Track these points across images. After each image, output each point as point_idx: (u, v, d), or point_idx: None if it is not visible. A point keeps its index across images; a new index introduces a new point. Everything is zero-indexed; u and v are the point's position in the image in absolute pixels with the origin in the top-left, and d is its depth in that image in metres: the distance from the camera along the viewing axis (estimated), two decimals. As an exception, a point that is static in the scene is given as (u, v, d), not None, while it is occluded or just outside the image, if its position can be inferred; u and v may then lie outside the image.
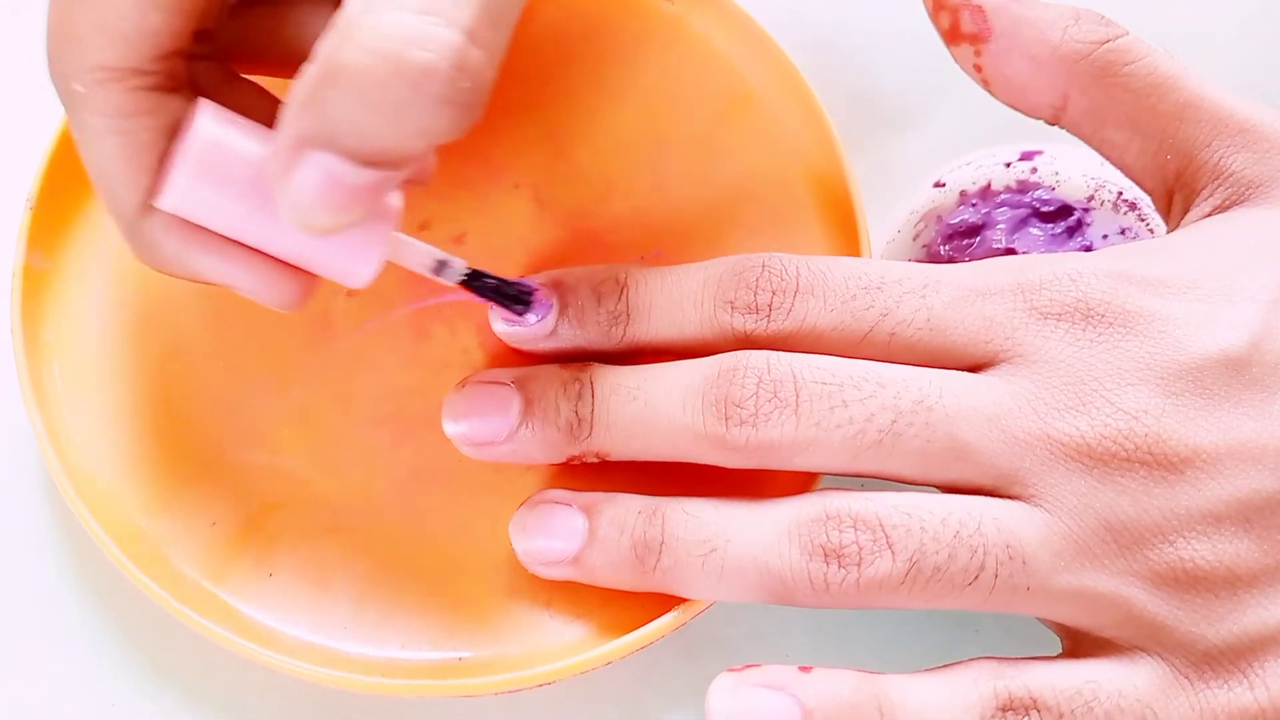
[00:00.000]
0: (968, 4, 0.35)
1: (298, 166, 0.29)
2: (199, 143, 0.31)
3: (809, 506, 0.33)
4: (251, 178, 0.31)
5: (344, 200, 0.29)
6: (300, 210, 0.29)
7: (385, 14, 0.28)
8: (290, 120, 0.29)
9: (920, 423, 0.32)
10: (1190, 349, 0.32)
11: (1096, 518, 0.32)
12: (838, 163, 0.39)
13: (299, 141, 0.29)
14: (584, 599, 0.36)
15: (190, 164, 0.31)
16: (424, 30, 0.28)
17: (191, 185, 0.31)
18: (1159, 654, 0.32)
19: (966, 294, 0.34)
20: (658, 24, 0.41)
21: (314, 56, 0.29)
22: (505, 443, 0.36)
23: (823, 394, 0.33)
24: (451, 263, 0.35)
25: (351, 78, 0.28)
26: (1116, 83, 0.35)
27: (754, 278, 0.35)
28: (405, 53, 0.28)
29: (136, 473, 0.38)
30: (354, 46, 0.28)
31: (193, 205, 0.31)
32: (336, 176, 0.29)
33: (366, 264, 0.33)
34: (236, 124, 0.32)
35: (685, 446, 0.34)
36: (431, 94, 0.28)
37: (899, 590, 0.32)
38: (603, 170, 0.40)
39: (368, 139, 0.29)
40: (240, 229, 0.32)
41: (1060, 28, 0.35)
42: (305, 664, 0.36)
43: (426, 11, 0.28)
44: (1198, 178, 0.35)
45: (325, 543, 0.38)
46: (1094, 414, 0.32)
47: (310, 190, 0.29)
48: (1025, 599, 0.32)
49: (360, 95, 0.28)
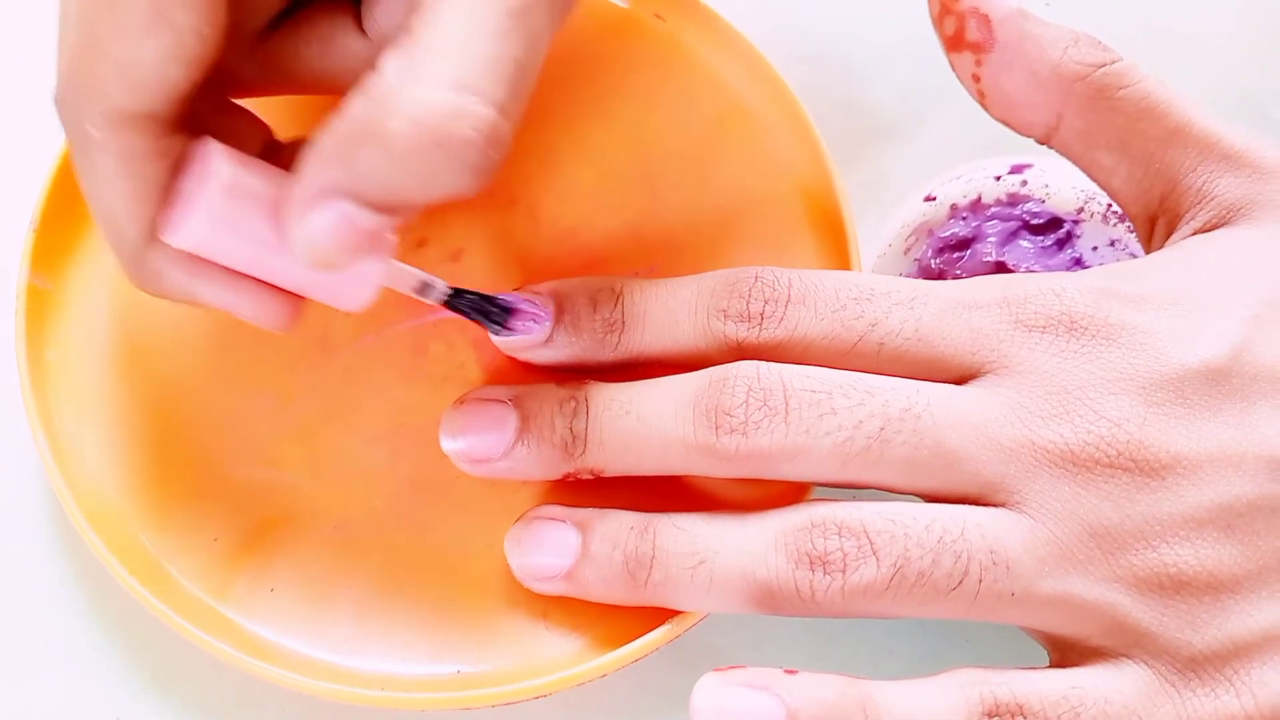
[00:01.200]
0: (975, 11, 0.35)
1: (318, 211, 0.31)
2: (217, 187, 0.32)
3: (795, 515, 0.33)
4: (262, 215, 0.32)
5: (357, 242, 0.31)
6: (314, 250, 0.31)
7: (427, 89, 0.30)
8: (316, 169, 0.31)
9: (908, 430, 0.33)
10: (1172, 360, 0.32)
11: (1080, 523, 0.32)
12: (828, 177, 0.39)
13: (323, 190, 0.31)
14: (580, 612, 0.37)
15: (206, 207, 0.32)
16: (464, 106, 0.30)
17: (208, 226, 0.32)
18: (1145, 660, 0.32)
19: (953, 306, 0.34)
20: (650, 41, 0.41)
21: (345, 115, 0.30)
22: (502, 459, 0.37)
23: (812, 401, 0.33)
24: (434, 283, 0.36)
25: (390, 142, 0.30)
26: (1110, 105, 0.35)
27: (747, 288, 0.35)
28: (447, 127, 0.30)
29: (139, 489, 0.38)
30: (398, 117, 0.30)
31: (205, 244, 0.33)
32: (353, 221, 0.31)
33: (364, 291, 0.34)
34: (246, 165, 0.33)
35: (677, 458, 0.35)
36: (465, 162, 0.30)
37: (884, 596, 0.32)
38: (597, 186, 0.40)
39: (392, 193, 0.30)
40: (247, 263, 0.33)
41: (1061, 47, 0.35)
42: (305, 678, 0.36)
43: (465, 89, 0.30)
44: (1181, 202, 0.35)
45: (325, 557, 0.38)
46: (1077, 422, 0.32)
47: (326, 231, 0.31)
48: (1010, 605, 0.32)
49: (396, 159, 0.30)
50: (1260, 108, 0.36)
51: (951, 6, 0.36)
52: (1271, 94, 0.43)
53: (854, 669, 0.38)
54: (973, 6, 0.35)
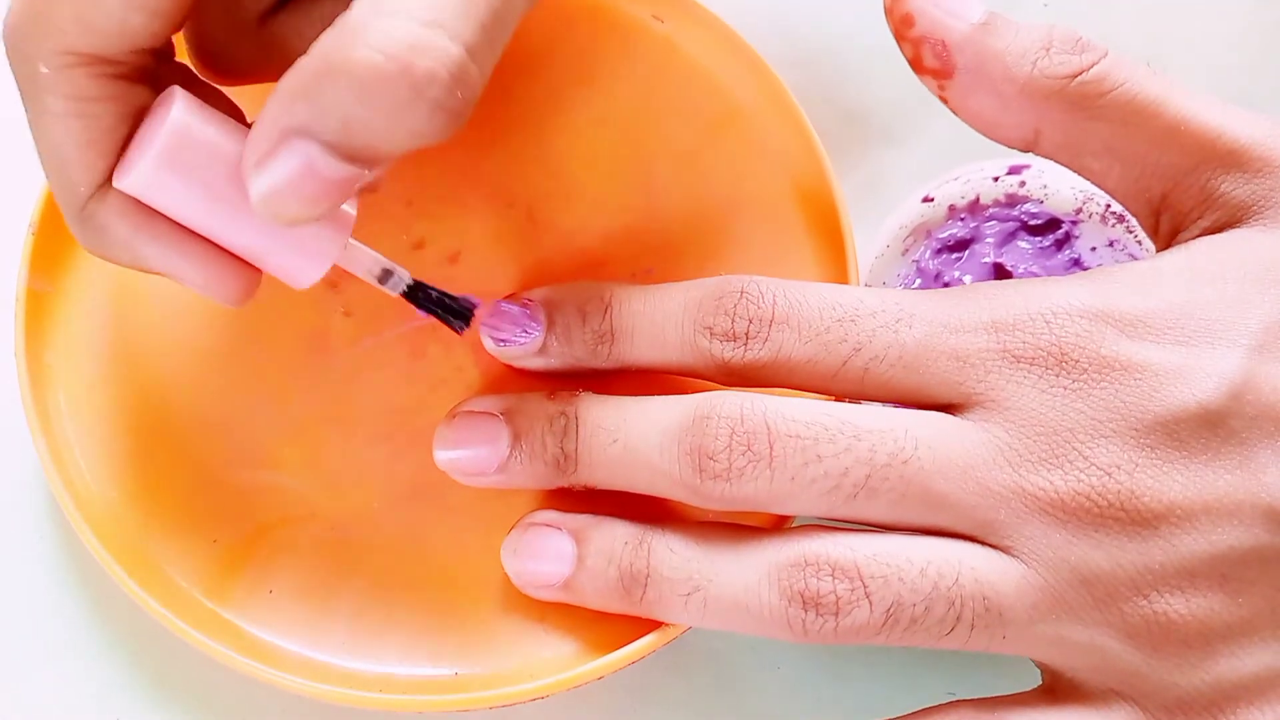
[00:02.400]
0: (928, 38, 0.34)
1: (279, 153, 0.29)
2: (170, 126, 0.31)
3: (789, 550, 0.33)
4: (217, 167, 0.31)
5: (318, 192, 0.30)
6: (272, 198, 0.30)
7: (395, 20, 0.29)
8: (279, 108, 0.30)
9: (895, 476, 0.32)
10: (1165, 401, 0.32)
11: (1071, 571, 0.32)
12: (825, 178, 0.39)
13: (286, 130, 0.29)
14: (577, 614, 0.37)
15: (159, 147, 0.31)
16: (431, 39, 0.29)
17: (158, 168, 0.31)
18: (1134, 700, 0.32)
19: (940, 330, 0.33)
20: (647, 42, 0.41)
21: (312, 52, 0.29)
22: (495, 474, 0.37)
23: (797, 448, 0.33)
24: (396, 272, 0.35)
25: (356, 74, 0.29)
26: (1092, 114, 0.34)
27: (732, 304, 0.35)
28: (412, 57, 0.29)
29: (138, 492, 0.39)
30: (363, 46, 0.29)
31: (155, 189, 0.31)
32: (315, 167, 0.29)
33: (317, 265, 0.33)
34: (208, 113, 0.32)
35: (665, 488, 0.35)
36: (430, 98, 0.29)
37: (876, 637, 0.32)
38: (594, 188, 0.40)
39: (357, 134, 0.29)
40: (198, 218, 0.32)
41: (1030, 61, 0.34)
42: (303, 679, 0.36)
43: (433, 24, 0.29)
44: (1183, 202, 0.34)
45: (324, 559, 0.38)
46: (1068, 469, 0.32)
47: (287, 178, 0.29)
48: (1001, 645, 0.32)
49: (362, 92, 0.29)
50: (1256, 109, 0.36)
51: (904, 33, 0.34)
52: (1268, 97, 0.43)
53: (848, 669, 0.38)
54: (926, 32, 0.34)
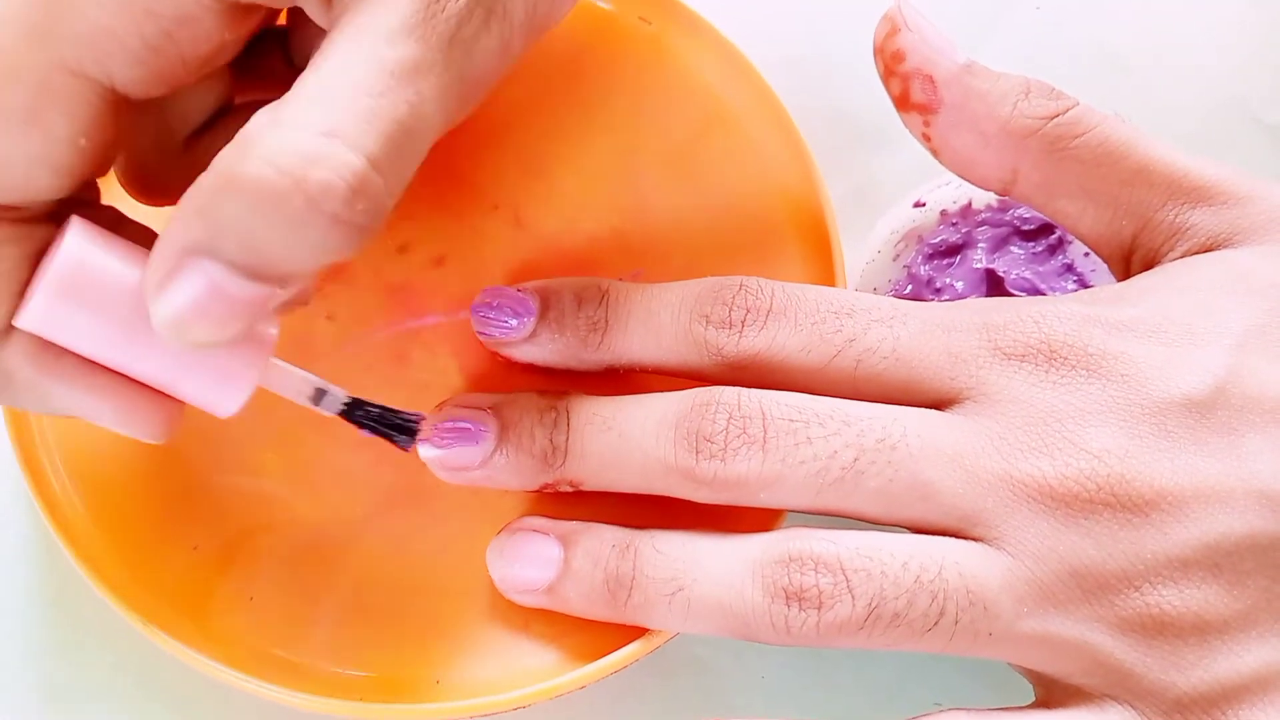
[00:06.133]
0: (918, 73, 0.35)
1: (180, 274, 0.28)
2: (66, 259, 0.30)
3: (773, 547, 0.33)
4: (121, 296, 0.30)
5: (224, 313, 0.28)
6: (177, 321, 0.28)
7: (290, 131, 0.28)
8: (179, 227, 0.28)
9: (883, 461, 0.32)
10: (1153, 392, 0.32)
11: (1060, 562, 0.31)
12: (812, 181, 0.39)
13: (186, 249, 0.28)
14: (561, 622, 0.36)
15: (55, 280, 0.30)
16: (327, 150, 0.28)
17: (53, 301, 0.30)
18: (1129, 702, 0.31)
19: (932, 328, 0.34)
20: (635, 44, 0.41)
21: (212, 167, 0.28)
22: (480, 468, 0.36)
23: (789, 430, 0.33)
24: (330, 391, 0.34)
25: (250, 189, 0.27)
26: (1067, 155, 0.35)
27: (730, 295, 0.35)
28: (306, 169, 0.27)
29: (118, 497, 0.38)
30: (255, 159, 0.27)
31: (53, 323, 0.30)
32: (220, 288, 0.28)
33: (237, 391, 0.32)
34: (107, 240, 0.30)
35: (656, 478, 0.34)
36: (327, 212, 0.28)
37: (859, 634, 0.32)
38: (581, 191, 0.40)
39: (258, 251, 0.28)
40: (104, 350, 0.30)
41: (1010, 102, 0.35)
42: (284, 688, 0.36)
43: (330, 134, 0.28)
44: (1155, 237, 0.35)
45: (305, 565, 0.38)
46: (1056, 455, 0.32)
47: (191, 299, 0.28)
48: (987, 644, 0.32)
49: (257, 206, 0.27)
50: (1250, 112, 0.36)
51: (894, 68, 0.35)
52: (1261, 99, 0.43)
53: (837, 676, 0.38)
54: (916, 67, 0.35)
